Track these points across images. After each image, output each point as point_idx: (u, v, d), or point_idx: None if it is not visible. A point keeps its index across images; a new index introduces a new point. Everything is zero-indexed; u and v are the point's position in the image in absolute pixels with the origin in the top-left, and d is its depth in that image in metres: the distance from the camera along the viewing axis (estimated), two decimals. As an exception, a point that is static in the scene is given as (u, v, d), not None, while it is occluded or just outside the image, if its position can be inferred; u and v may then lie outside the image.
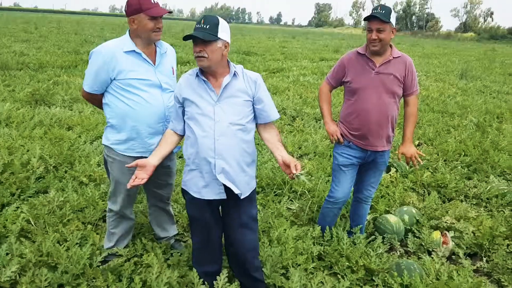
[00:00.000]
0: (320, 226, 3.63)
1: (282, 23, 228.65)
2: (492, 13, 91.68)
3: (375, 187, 3.60)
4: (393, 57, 3.19)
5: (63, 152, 5.03)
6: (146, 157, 2.86)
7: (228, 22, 2.54)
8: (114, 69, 2.71)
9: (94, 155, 5.19)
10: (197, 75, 2.52)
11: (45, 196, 4.03)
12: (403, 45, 34.26)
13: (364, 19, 3.11)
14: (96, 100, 2.93)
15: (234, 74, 2.53)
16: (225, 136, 2.47)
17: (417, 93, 3.34)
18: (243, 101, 2.53)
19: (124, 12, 2.81)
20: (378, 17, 3.03)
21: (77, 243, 3.18)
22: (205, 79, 2.49)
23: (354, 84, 3.23)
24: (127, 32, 2.82)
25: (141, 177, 2.47)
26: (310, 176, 4.90)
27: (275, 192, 4.57)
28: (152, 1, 2.70)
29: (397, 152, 3.50)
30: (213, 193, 2.56)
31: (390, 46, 3.22)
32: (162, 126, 2.88)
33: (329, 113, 3.45)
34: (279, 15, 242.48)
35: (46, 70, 11.01)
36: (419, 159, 3.38)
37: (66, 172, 4.69)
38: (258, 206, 3.45)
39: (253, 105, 2.59)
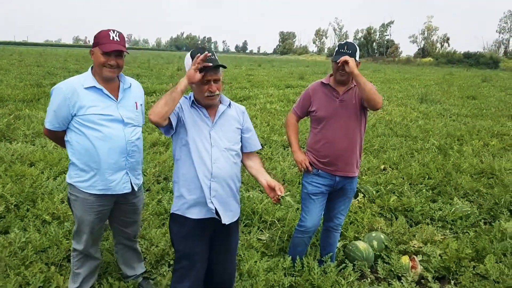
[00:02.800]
0: (290, 257, 3.62)
1: (248, 51, 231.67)
2: (448, 39, 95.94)
3: (345, 215, 3.65)
4: (354, 85, 3.31)
5: (25, 190, 4.86)
6: (108, 195, 2.81)
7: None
8: (74, 105, 2.69)
9: (57, 191, 5.04)
10: (192, 104, 2.58)
11: (5, 237, 3.85)
12: (366, 71, 35.23)
13: (333, 60, 3.19)
14: (58, 137, 2.88)
15: (229, 104, 2.69)
16: (220, 160, 2.56)
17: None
18: (235, 128, 2.69)
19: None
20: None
21: (40, 286, 3.06)
22: (200, 107, 2.58)
23: (320, 113, 3.33)
24: (89, 68, 2.83)
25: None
26: (294, 197, 4.94)
27: (244, 223, 4.54)
28: (110, 37, 2.71)
29: None
30: (204, 213, 2.58)
31: None
32: (125, 161, 2.84)
33: (297, 143, 3.50)
34: (245, 43, 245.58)
35: (7, 104, 10.70)
36: None
37: (28, 210, 4.53)
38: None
39: (241, 134, 2.74)
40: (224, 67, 2.53)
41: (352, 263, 3.73)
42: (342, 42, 3.28)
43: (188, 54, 2.54)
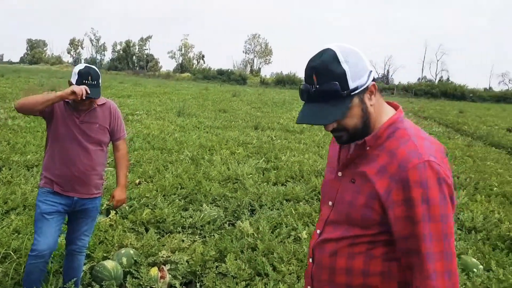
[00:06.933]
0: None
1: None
2: (203, 56, 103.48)
3: (89, 236, 3.50)
4: (98, 105, 3.24)
5: None
6: None
7: None
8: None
9: None
10: None
11: None
12: (126, 84, 34.96)
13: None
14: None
15: None
16: None
17: (124, 137, 3.46)
18: None
19: None
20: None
21: None
22: None
23: (58, 131, 3.13)
24: None
25: None
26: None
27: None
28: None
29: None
30: None
31: None
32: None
33: None
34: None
35: None
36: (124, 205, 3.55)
37: None
38: None
39: None
40: None
41: (100, 284, 3.60)
42: (82, 68, 3.08)
43: None
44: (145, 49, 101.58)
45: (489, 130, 17.90)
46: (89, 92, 2.95)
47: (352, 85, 1.45)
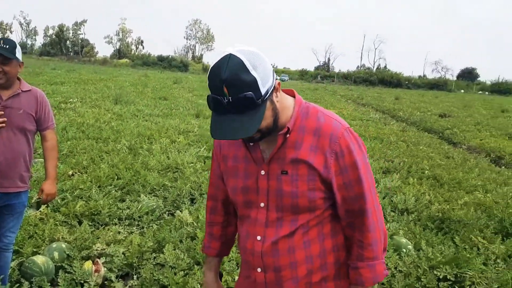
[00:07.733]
0: None
1: None
2: (142, 42, 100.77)
3: (16, 232, 3.30)
4: (22, 91, 3.02)
5: None
6: None
7: None
8: None
9: None
10: None
11: None
12: (59, 71, 33.31)
13: None
14: None
15: None
16: None
17: (53, 127, 3.26)
18: None
19: None
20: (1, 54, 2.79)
21: None
22: None
23: None
24: None
25: None
26: None
27: None
28: None
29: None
30: None
31: (19, 79, 3.02)
32: None
33: None
34: None
35: None
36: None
37: None
38: None
39: None
40: None
41: (30, 281, 3.43)
42: None
43: None
44: (79, 34, 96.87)
45: (422, 116, 18.88)
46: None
47: (263, 90, 1.44)
